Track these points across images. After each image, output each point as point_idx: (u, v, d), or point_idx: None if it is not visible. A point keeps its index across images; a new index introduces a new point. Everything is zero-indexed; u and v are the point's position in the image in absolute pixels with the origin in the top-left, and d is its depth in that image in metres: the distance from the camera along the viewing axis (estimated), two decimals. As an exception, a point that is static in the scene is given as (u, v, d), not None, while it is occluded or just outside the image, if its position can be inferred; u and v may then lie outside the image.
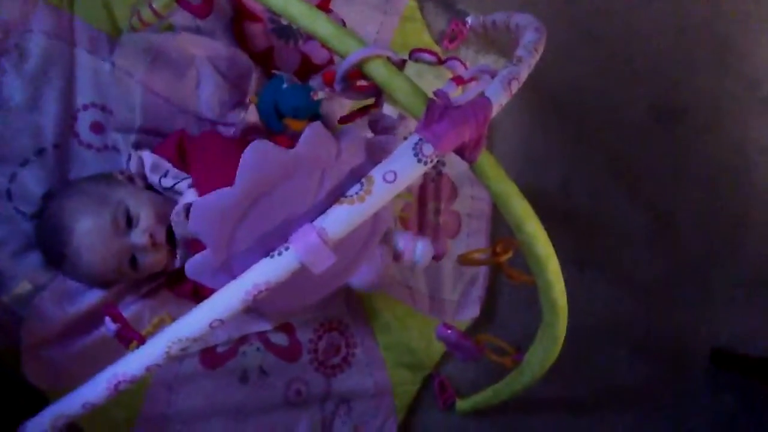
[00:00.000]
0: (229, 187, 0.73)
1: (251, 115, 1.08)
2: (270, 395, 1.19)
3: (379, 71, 0.77)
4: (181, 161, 1.04)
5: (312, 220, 0.72)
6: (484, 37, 1.39)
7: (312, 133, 0.75)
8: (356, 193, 0.71)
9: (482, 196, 1.38)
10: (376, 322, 1.29)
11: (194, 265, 0.78)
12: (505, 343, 1.14)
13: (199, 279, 0.79)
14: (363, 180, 0.72)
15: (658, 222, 1.57)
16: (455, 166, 1.36)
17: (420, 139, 0.73)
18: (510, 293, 1.42)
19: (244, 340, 1.16)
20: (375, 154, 0.86)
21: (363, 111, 1.01)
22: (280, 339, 1.20)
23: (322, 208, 0.73)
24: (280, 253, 0.71)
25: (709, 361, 1.60)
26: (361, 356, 1.27)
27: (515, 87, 0.84)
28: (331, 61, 1.20)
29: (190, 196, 1.00)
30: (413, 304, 1.30)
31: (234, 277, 0.72)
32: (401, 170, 0.72)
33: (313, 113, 1.02)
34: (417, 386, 1.33)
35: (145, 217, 0.99)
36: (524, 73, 0.88)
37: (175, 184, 1.02)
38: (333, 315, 1.25)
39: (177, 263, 1.04)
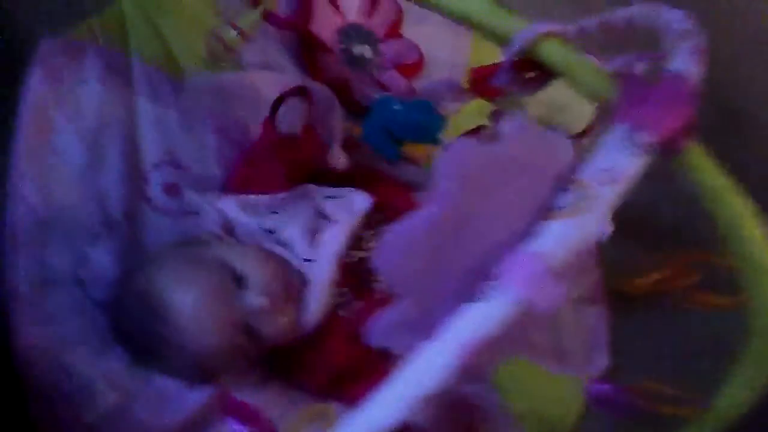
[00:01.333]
0: (425, 209, 0.54)
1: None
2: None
3: (558, 51, 0.61)
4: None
5: (515, 245, 0.54)
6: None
7: (519, 127, 0.57)
8: (571, 203, 0.54)
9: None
10: (504, 390, 1.08)
11: (386, 325, 0.56)
12: (675, 388, 0.95)
13: (386, 343, 0.59)
14: (572, 186, 0.55)
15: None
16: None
17: (629, 127, 0.57)
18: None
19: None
20: None
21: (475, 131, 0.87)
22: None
23: (525, 228, 0.55)
24: (490, 294, 0.51)
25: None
26: None
27: (702, 61, 0.69)
28: (412, 91, 1.05)
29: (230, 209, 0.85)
30: (538, 361, 1.10)
31: (426, 334, 0.52)
32: (618, 168, 0.56)
33: (435, 136, 0.85)
34: (557, 457, 1.12)
35: (258, 274, 0.79)
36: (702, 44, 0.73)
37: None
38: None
39: (308, 324, 0.83)
